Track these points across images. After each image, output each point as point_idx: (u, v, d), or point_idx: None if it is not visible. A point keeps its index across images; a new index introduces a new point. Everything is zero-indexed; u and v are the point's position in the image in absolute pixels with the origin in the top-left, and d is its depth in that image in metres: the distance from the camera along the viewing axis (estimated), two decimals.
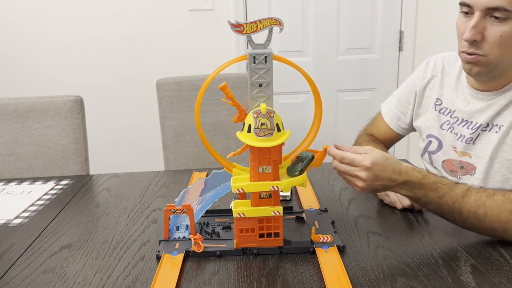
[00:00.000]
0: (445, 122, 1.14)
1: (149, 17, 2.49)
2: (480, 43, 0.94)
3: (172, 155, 1.76)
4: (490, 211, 0.85)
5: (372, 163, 0.86)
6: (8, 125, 1.56)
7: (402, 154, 2.70)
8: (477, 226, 0.87)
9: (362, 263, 0.83)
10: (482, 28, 0.93)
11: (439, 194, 0.87)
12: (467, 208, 0.86)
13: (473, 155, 1.06)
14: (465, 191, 0.88)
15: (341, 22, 2.56)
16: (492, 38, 0.92)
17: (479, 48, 0.94)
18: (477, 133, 1.04)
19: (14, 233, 1.01)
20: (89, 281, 0.81)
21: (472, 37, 0.93)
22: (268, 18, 0.81)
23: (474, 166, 1.06)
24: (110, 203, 1.16)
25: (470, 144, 1.06)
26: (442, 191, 0.88)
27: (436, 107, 1.17)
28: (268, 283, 0.77)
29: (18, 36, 2.49)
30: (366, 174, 0.86)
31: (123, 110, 2.61)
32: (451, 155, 1.12)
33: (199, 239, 0.87)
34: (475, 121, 1.05)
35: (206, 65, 2.53)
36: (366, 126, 1.37)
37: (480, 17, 0.92)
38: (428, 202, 0.89)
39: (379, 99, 2.68)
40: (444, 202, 0.87)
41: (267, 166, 0.83)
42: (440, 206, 0.88)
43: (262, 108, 0.80)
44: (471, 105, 1.07)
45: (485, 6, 0.91)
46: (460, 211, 0.87)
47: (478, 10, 0.92)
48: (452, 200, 0.87)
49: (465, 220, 0.87)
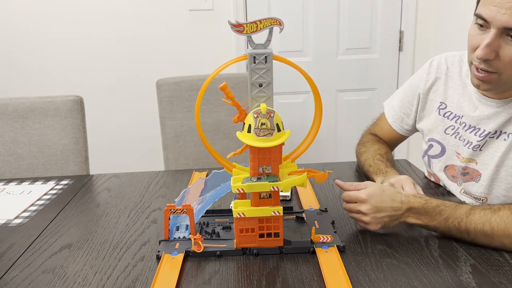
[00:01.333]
0: (450, 127, 1.11)
1: (149, 17, 2.49)
2: (493, 61, 0.90)
3: (172, 155, 1.76)
4: (497, 227, 0.84)
5: (367, 195, 0.90)
6: (8, 125, 1.56)
7: (402, 154, 2.70)
8: (487, 244, 0.86)
9: (362, 263, 0.83)
10: (497, 46, 0.89)
11: (444, 217, 0.88)
12: (473, 227, 0.85)
13: (479, 161, 1.04)
14: (469, 210, 0.87)
15: (341, 22, 2.56)
16: (507, 58, 0.89)
17: (491, 66, 0.91)
18: (485, 140, 1.02)
19: (14, 233, 1.01)
20: (89, 281, 0.81)
21: (485, 56, 0.89)
22: (268, 18, 0.81)
23: (479, 172, 1.04)
24: (110, 203, 1.16)
25: (477, 150, 1.04)
26: (446, 213, 0.88)
27: (440, 111, 1.14)
28: (268, 283, 0.77)
29: (18, 36, 2.49)
30: (366, 207, 0.90)
31: (123, 110, 2.61)
32: (454, 160, 1.10)
33: (199, 239, 0.87)
34: (483, 127, 1.03)
35: (206, 65, 2.53)
36: (370, 125, 1.37)
37: (496, 35, 0.88)
38: (436, 227, 0.89)
39: (379, 99, 2.69)
40: (450, 224, 0.87)
41: (267, 166, 0.83)
42: (448, 229, 0.88)
43: (262, 108, 0.80)
44: (479, 111, 1.04)
45: (503, 25, 0.86)
46: (467, 231, 0.86)
47: (495, 28, 0.87)
48: (457, 221, 0.87)
49: (474, 240, 0.87)
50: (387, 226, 0.92)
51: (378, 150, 1.23)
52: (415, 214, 0.90)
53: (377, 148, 1.24)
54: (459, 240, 0.89)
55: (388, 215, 0.90)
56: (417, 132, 1.28)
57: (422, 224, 0.90)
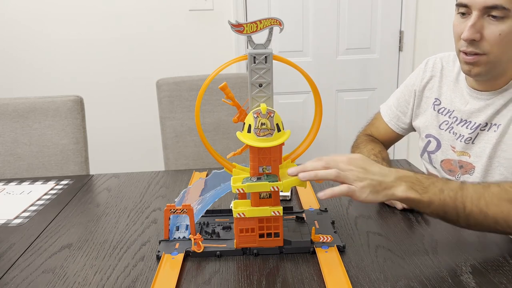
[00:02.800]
0: (444, 122, 1.14)
1: (149, 17, 2.49)
2: (479, 42, 0.94)
3: (172, 155, 1.76)
4: (491, 201, 0.79)
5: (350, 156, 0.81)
6: (8, 125, 1.56)
7: (402, 154, 2.70)
8: (481, 221, 0.79)
9: (362, 263, 0.83)
10: (481, 27, 0.93)
11: (438, 188, 0.80)
12: (469, 200, 0.79)
13: (472, 154, 1.06)
14: (460, 184, 0.81)
15: (341, 22, 2.56)
16: (491, 37, 0.92)
17: (478, 47, 0.94)
18: (476, 133, 1.05)
19: (14, 233, 1.01)
20: (89, 281, 0.81)
21: (471, 36, 0.93)
22: (268, 18, 0.81)
23: (473, 165, 1.06)
24: (110, 203, 1.16)
25: (469, 143, 1.06)
26: (439, 184, 0.81)
27: (435, 107, 1.17)
28: (268, 283, 0.77)
29: (18, 36, 2.49)
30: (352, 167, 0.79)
31: (123, 110, 2.61)
32: (450, 154, 1.12)
33: (199, 239, 0.87)
34: (474, 120, 1.06)
35: (206, 65, 2.53)
36: (365, 127, 1.37)
37: (478, 17, 0.92)
38: (431, 201, 0.80)
39: (379, 99, 2.69)
40: (446, 196, 0.79)
41: (267, 166, 0.83)
42: (443, 202, 0.79)
43: (262, 108, 0.80)
44: (470, 105, 1.07)
45: (482, 5, 0.91)
46: (463, 204, 0.79)
47: (476, 10, 0.92)
48: (453, 193, 0.79)
49: (469, 215, 0.79)
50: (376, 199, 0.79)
51: (372, 150, 1.22)
52: (407, 183, 0.80)
53: (371, 148, 1.24)
54: (449, 220, 0.82)
55: (377, 180, 0.79)
56: (415, 133, 1.28)
57: (416, 197, 0.79)
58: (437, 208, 0.80)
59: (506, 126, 1.00)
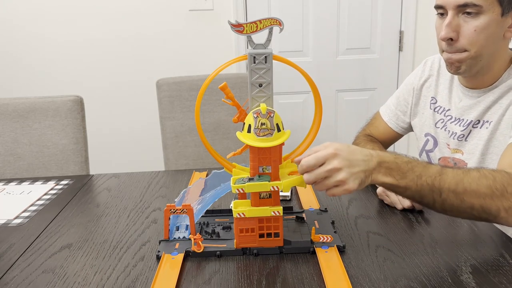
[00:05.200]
0: (439, 120, 1.16)
1: (149, 17, 2.49)
2: (458, 40, 0.98)
3: (172, 155, 1.76)
4: (469, 187, 0.81)
5: (335, 149, 0.79)
6: (8, 125, 1.56)
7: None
8: (457, 206, 0.81)
9: (362, 263, 0.83)
10: (457, 26, 0.97)
11: (416, 174, 0.82)
12: (446, 186, 0.81)
13: (465, 151, 1.08)
14: (440, 169, 0.83)
15: (341, 22, 2.55)
16: (467, 33, 0.96)
17: (458, 45, 0.98)
18: (469, 130, 1.07)
19: (14, 233, 1.01)
20: (89, 281, 0.81)
21: (447, 35, 0.97)
22: (268, 18, 0.81)
23: (465, 162, 1.08)
24: (110, 203, 1.16)
25: (462, 140, 1.08)
26: (418, 170, 0.82)
27: (431, 105, 1.19)
28: (268, 283, 0.77)
29: (18, 36, 2.49)
30: (338, 160, 0.79)
31: (123, 110, 2.61)
32: (446, 152, 1.14)
33: (199, 239, 0.87)
34: (466, 117, 1.08)
35: (206, 65, 2.53)
36: (364, 127, 1.38)
37: (453, 15, 0.96)
38: (407, 186, 0.81)
39: (379, 99, 2.69)
40: (423, 182, 0.81)
41: (267, 166, 0.83)
42: (420, 187, 0.81)
43: (262, 108, 0.80)
44: (462, 102, 1.09)
45: (455, 4, 0.95)
46: (440, 190, 0.81)
47: (450, 9, 0.96)
48: (430, 179, 0.81)
49: (445, 200, 0.81)
50: (363, 185, 0.81)
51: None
52: (386, 169, 0.81)
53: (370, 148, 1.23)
54: (425, 204, 0.84)
55: (362, 170, 0.80)
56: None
57: (393, 183, 0.81)
58: (413, 193, 0.83)
59: (497, 123, 1.02)
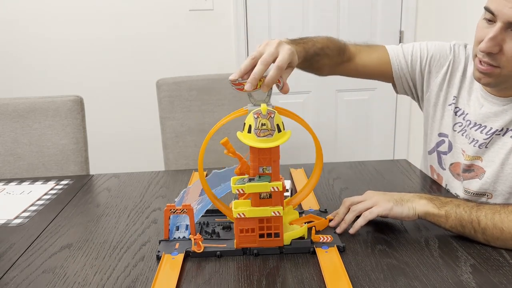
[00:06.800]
0: (458, 124, 1.10)
1: (149, 17, 2.49)
2: (497, 55, 0.90)
3: (172, 155, 1.76)
4: (506, 218, 0.84)
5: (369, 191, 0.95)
6: (8, 125, 1.56)
7: (402, 154, 2.70)
8: (498, 236, 0.84)
9: (362, 263, 0.83)
10: (501, 40, 0.89)
11: (455, 203, 0.88)
12: (484, 215, 0.85)
13: (484, 158, 1.03)
14: (477, 203, 0.89)
15: (341, 22, 2.56)
16: (510, 52, 0.89)
17: (495, 60, 0.91)
18: (491, 138, 1.02)
19: (14, 233, 1.01)
20: (89, 281, 0.81)
21: (488, 49, 0.90)
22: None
23: (484, 169, 1.03)
24: (110, 203, 1.16)
25: (483, 148, 1.03)
26: (456, 201, 0.89)
27: (452, 105, 1.12)
28: (268, 283, 0.77)
29: (18, 36, 2.49)
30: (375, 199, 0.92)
31: (123, 110, 2.61)
32: (459, 158, 1.09)
33: (199, 239, 0.87)
34: (489, 125, 1.02)
35: (206, 65, 2.53)
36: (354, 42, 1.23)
37: (501, 29, 0.88)
38: (448, 215, 0.87)
39: (379, 99, 2.70)
40: (462, 210, 0.87)
41: (267, 166, 0.83)
42: (460, 216, 0.87)
43: (262, 108, 0.80)
44: (485, 108, 1.03)
45: (508, 20, 0.86)
46: (478, 220, 0.85)
47: (501, 21, 0.87)
48: (468, 208, 0.87)
49: (485, 229, 0.85)
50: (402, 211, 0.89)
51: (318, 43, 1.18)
52: (426, 199, 0.90)
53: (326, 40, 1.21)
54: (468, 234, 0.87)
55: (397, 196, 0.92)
56: (415, 133, 1.26)
57: (434, 211, 0.88)
58: (454, 222, 0.87)
59: None
